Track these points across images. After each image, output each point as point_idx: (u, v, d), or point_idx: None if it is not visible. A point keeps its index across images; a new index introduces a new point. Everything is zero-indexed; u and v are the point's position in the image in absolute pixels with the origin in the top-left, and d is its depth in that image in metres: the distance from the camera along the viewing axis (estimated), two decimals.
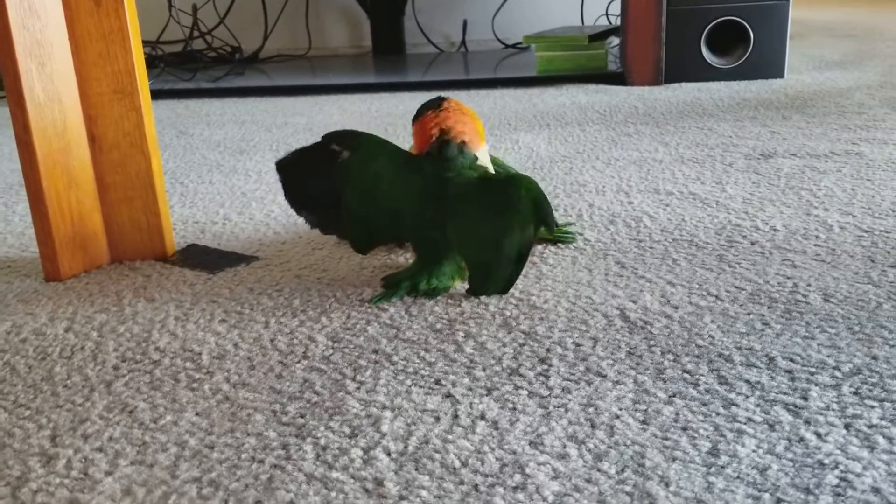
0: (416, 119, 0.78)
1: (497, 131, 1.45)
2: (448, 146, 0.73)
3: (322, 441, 0.50)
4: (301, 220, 0.97)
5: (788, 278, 0.71)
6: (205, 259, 0.85)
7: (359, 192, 0.75)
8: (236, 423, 0.52)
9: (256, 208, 1.04)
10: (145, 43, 2.40)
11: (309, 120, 1.67)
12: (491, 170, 0.76)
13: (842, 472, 0.44)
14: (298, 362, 0.61)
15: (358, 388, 0.56)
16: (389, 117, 1.64)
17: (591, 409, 0.52)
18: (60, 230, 0.80)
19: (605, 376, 0.56)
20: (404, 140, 1.40)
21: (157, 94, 2.08)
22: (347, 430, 0.51)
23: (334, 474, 0.46)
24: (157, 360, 0.62)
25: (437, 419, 0.52)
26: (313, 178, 0.76)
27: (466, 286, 0.73)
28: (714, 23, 1.80)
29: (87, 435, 0.52)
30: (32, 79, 0.77)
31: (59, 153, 0.80)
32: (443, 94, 1.90)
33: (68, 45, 0.80)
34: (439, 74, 2.13)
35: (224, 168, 1.28)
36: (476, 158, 0.74)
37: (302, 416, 0.53)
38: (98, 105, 0.82)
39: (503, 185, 0.71)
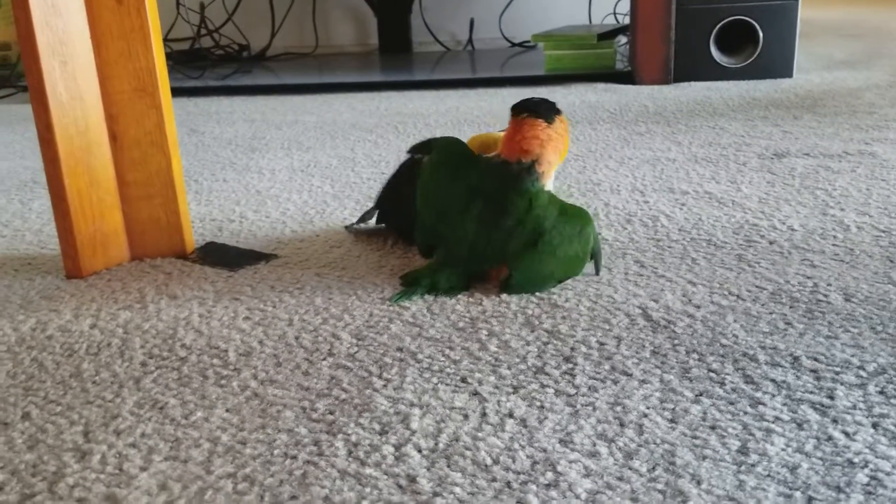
0: (518, 113, 0.74)
1: None
2: (530, 175, 0.72)
3: (353, 437, 0.50)
4: (317, 217, 0.98)
5: (808, 278, 0.71)
6: (224, 257, 0.86)
7: (421, 193, 0.78)
8: (267, 420, 0.53)
9: (272, 206, 1.04)
10: None
11: (319, 118, 1.68)
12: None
13: (871, 470, 0.45)
14: (324, 359, 0.61)
15: (385, 386, 0.57)
16: (399, 116, 1.64)
17: (618, 408, 0.52)
18: (82, 228, 0.81)
19: (630, 375, 0.56)
20: (419, 139, 1.41)
21: None
22: (377, 427, 0.51)
23: (367, 470, 0.47)
24: (184, 357, 0.62)
25: (466, 417, 0.52)
26: (405, 192, 0.82)
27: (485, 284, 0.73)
28: (723, 22, 1.80)
29: (119, 431, 0.52)
30: (55, 77, 0.78)
31: (80, 151, 0.80)
32: (451, 93, 1.90)
33: (90, 44, 0.80)
34: (446, 73, 2.13)
35: (237, 166, 1.28)
36: (542, 190, 0.73)
37: (331, 413, 0.53)
38: (119, 103, 0.82)
39: (577, 217, 0.73)
